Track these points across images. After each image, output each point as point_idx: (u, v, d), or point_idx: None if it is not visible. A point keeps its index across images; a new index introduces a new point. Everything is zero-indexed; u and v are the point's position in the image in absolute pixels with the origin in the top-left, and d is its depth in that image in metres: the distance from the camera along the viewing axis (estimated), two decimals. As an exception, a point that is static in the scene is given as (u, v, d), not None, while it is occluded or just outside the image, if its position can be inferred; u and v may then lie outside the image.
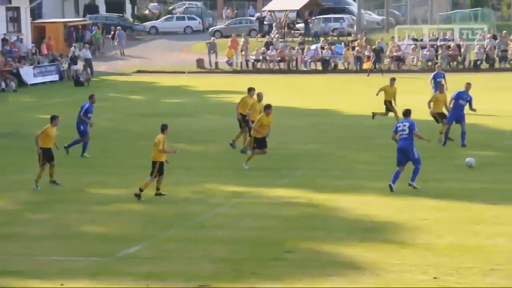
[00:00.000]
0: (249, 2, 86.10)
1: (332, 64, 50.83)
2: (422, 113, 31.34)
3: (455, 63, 49.58)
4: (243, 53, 52.69)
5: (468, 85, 24.15)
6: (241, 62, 52.71)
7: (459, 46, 49.78)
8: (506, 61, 48.67)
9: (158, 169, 18.27)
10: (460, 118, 23.60)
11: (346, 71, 49.80)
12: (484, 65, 48.54)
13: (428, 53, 49.73)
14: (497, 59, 48.81)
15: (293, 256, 13.89)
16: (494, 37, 50.12)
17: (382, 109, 28.23)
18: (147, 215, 16.96)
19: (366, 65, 48.69)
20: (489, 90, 37.20)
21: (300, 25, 63.62)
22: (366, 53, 50.45)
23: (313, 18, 63.49)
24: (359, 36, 53.72)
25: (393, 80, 28.57)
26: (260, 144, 21.42)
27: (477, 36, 51.19)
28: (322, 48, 51.49)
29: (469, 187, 18.82)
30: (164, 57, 56.65)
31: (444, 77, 31.54)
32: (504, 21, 78.72)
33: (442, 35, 51.97)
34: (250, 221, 16.31)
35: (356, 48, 50.80)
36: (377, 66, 48.04)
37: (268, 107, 21.47)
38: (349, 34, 59.22)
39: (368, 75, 46.46)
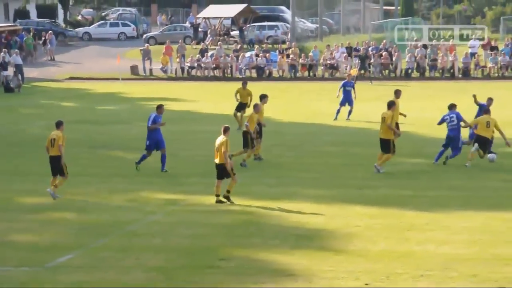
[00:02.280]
0: (184, 9, 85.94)
1: (267, 72, 51.09)
2: (352, 122, 31.70)
3: (387, 71, 50.38)
4: (178, 60, 52.55)
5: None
6: (175, 69, 52.55)
7: (390, 55, 50.59)
8: (436, 69, 49.67)
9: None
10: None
11: (281, 78, 50.09)
12: (415, 74, 49.43)
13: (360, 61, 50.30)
14: (427, 68, 49.77)
15: (227, 263, 13.90)
16: (425, 46, 51.09)
17: (315, 116, 28.49)
18: (80, 224, 16.76)
19: (353, 72, 49.02)
20: (420, 98, 37.91)
21: (235, 33, 63.81)
22: (301, 61, 50.86)
23: (248, 25, 63.75)
24: (293, 44, 54.17)
25: (245, 83, 30.08)
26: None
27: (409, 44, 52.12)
28: (257, 55, 51.71)
29: (401, 194, 19.13)
30: (98, 63, 56.08)
31: (353, 87, 32.14)
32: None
33: (374, 43, 52.78)
34: (184, 229, 16.26)
35: (291, 56, 51.17)
36: (363, 73, 48.25)
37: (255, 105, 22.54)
38: (283, 42, 59.62)
39: (354, 83, 46.67)
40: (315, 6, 70.06)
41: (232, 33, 64.21)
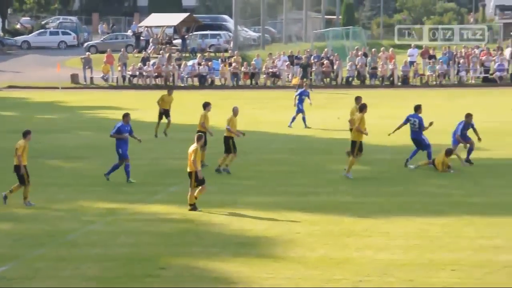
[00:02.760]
0: (126, 18, 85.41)
1: (209, 80, 51.07)
2: (296, 129, 31.91)
3: (328, 79, 50.81)
4: (119, 68, 52.17)
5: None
6: (117, 78, 52.15)
7: (331, 63, 51.07)
8: (376, 78, 50.30)
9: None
10: None
11: (223, 87, 50.12)
12: (356, 82, 49.97)
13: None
14: (367, 76, 50.36)
15: (166, 272, 13.81)
16: (365, 55, 51.72)
17: (258, 124, 28.56)
18: (16, 234, 16.47)
19: (295, 81, 49.25)
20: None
21: (177, 41, 63.65)
22: (243, 69, 50.97)
23: (190, 34, 63.67)
24: (235, 52, 54.27)
25: (170, 90, 31.25)
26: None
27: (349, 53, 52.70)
28: (199, 64, 51.66)
29: (341, 200, 19.28)
30: (37, 72, 55.34)
31: (308, 96, 32.34)
32: (374, 39, 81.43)
33: (316, 52, 53.24)
34: (124, 238, 16.12)
35: (233, 64, 51.25)
36: (305, 81, 48.37)
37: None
38: (226, 50, 59.70)
39: (308, 92, 46.77)
40: (258, 15, 70.38)
41: (174, 41, 64.06)
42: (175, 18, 63.69)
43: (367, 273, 13.53)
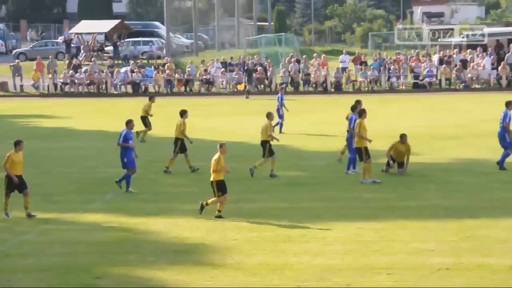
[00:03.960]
0: (56, 25, 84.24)
1: (143, 87, 50.74)
2: (240, 135, 31.92)
3: (262, 86, 51.04)
4: (50, 76, 51.40)
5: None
6: (48, 85, 51.37)
7: (265, 70, 51.33)
8: (309, 84, 50.74)
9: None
10: None
11: (157, 94, 49.80)
12: (289, 88, 50.31)
13: (236, 76, 50.90)
14: (301, 82, 50.76)
15: (103, 282, 13.65)
16: (298, 61, 52.13)
17: (193, 131, 28.46)
18: None
19: (241, 87, 49.23)
20: (295, 112, 38.54)
21: (109, 48, 63.08)
22: (177, 76, 50.83)
23: (122, 41, 63.17)
24: (168, 59, 54.08)
25: (152, 98, 31.08)
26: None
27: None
28: (132, 71, 51.29)
29: (277, 206, 19.36)
30: (-36, 80, 54.09)
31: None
32: (306, 46, 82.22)
33: (249, 58, 53.43)
34: (58, 247, 15.87)
35: (167, 71, 51.04)
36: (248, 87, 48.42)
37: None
38: (159, 57, 59.42)
39: (246, 97, 46.87)
40: (190, 22, 70.33)
41: (106, 48, 63.46)
42: (106, 25, 63.14)
43: (305, 278, 13.62)
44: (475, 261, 14.27)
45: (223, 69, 51.52)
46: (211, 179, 18.20)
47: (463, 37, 56.58)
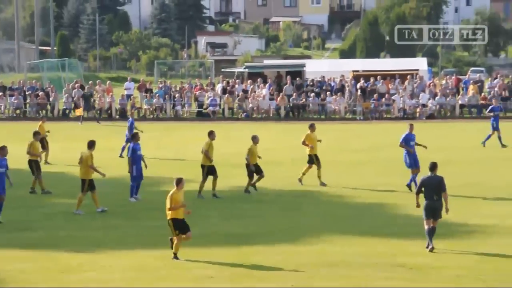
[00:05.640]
0: None
1: None
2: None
3: (44, 111, 49.61)
4: None
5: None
6: None
7: (47, 95, 49.98)
8: (94, 110, 50.02)
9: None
10: None
11: None
12: (73, 114, 49.25)
13: (16, 101, 49.15)
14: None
15: None
16: (82, 87, 51.23)
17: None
18: None
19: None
20: (77, 138, 37.73)
21: None
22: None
23: None
24: None
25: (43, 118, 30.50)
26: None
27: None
28: None
29: (56, 235, 18.80)
30: None
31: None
32: (91, 72, 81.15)
33: (29, 83, 51.85)
34: None
35: None
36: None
37: None
38: None
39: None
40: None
41: None
42: None
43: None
44: (252, 286, 14.59)
45: (1, 93, 49.53)
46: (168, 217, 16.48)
47: (245, 68, 58.38)
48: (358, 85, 51.15)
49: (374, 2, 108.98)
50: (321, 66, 59.77)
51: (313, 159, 25.32)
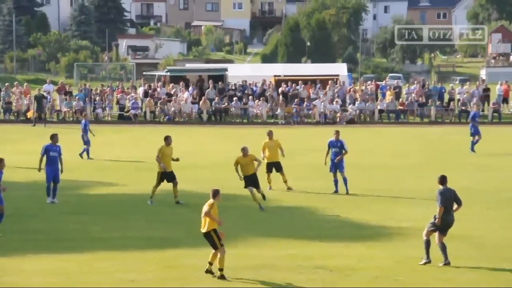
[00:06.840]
0: None
1: None
2: None
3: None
4: None
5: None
6: None
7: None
8: (11, 112, 49.09)
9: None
10: None
11: None
12: (-8, 117, 48.28)
13: None
14: (1, 110, 48.91)
15: None
16: (-1, 90, 50.27)
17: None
18: None
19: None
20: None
21: None
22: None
23: None
24: None
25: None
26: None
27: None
28: None
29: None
30: None
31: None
32: (8, 74, 79.51)
33: None
34: None
35: None
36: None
37: None
38: None
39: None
40: None
41: None
42: None
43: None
44: (174, 289, 14.61)
45: None
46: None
47: (167, 71, 58.14)
48: (280, 90, 51.57)
49: (295, 8, 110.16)
50: (243, 71, 60.06)
51: (271, 168, 25.25)
